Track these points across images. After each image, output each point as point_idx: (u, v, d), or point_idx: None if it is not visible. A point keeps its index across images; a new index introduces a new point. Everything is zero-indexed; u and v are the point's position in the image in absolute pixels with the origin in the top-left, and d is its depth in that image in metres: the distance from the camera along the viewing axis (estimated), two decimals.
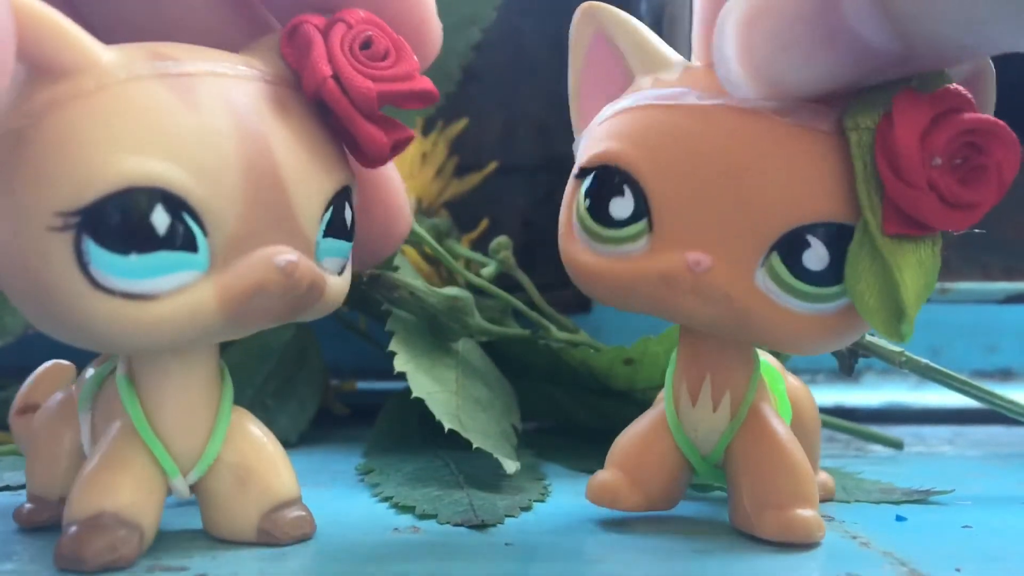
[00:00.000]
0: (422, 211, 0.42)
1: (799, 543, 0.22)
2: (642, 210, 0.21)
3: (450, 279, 0.41)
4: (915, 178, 0.19)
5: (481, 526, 0.24)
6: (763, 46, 0.19)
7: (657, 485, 0.24)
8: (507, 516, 0.25)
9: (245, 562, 0.21)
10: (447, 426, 0.29)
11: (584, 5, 0.23)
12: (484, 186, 0.46)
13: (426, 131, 0.44)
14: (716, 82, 0.21)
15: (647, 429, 0.24)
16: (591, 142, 0.22)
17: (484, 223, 0.44)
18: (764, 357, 0.26)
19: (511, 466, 0.28)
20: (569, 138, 0.25)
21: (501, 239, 0.38)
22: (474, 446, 0.28)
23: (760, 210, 0.20)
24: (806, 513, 0.22)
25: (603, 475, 0.24)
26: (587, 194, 0.22)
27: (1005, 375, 0.53)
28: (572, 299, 0.47)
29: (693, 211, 0.21)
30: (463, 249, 0.40)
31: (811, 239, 0.20)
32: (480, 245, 0.43)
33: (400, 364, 0.31)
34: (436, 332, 0.33)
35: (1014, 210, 0.47)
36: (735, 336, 0.22)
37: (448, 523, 0.24)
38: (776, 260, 0.20)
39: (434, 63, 0.44)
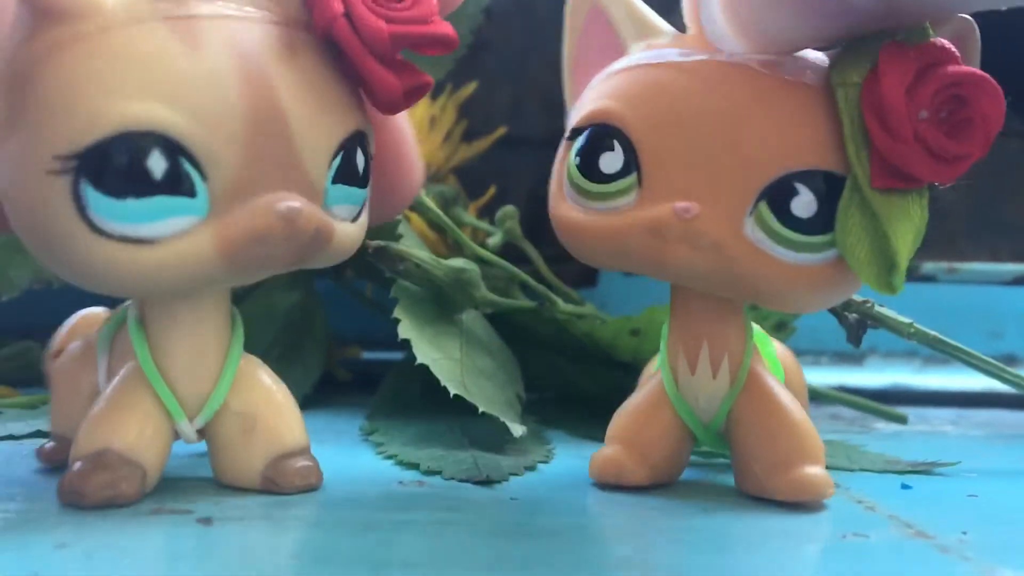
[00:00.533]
0: (429, 177, 0.41)
1: (810, 502, 0.22)
2: (632, 164, 0.21)
3: (456, 247, 0.41)
4: (902, 131, 0.19)
5: (486, 482, 0.24)
6: (748, 2, 0.19)
7: (661, 457, 0.24)
8: (512, 474, 0.25)
9: (250, 508, 0.21)
10: (452, 391, 0.28)
11: None
12: (491, 158, 0.46)
13: (435, 95, 0.43)
14: (703, 43, 0.21)
15: (646, 402, 0.24)
16: (582, 105, 0.23)
17: (491, 190, 0.43)
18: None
19: (518, 430, 0.28)
20: None
21: (507, 208, 0.38)
22: (480, 410, 0.28)
23: (748, 158, 0.20)
24: (816, 471, 0.22)
25: (605, 451, 0.24)
26: (578, 152, 0.22)
27: (1009, 361, 0.53)
28: (578, 272, 0.47)
29: (681, 162, 0.21)
30: (469, 217, 0.40)
31: (799, 186, 0.20)
32: (487, 213, 0.42)
33: (404, 331, 0.31)
34: (442, 304, 0.33)
35: None
36: (726, 291, 0.22)
37: (453, 479, 0.24)
38: (764, 208, 0.20)
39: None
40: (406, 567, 0.17)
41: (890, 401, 0.45)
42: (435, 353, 0.31)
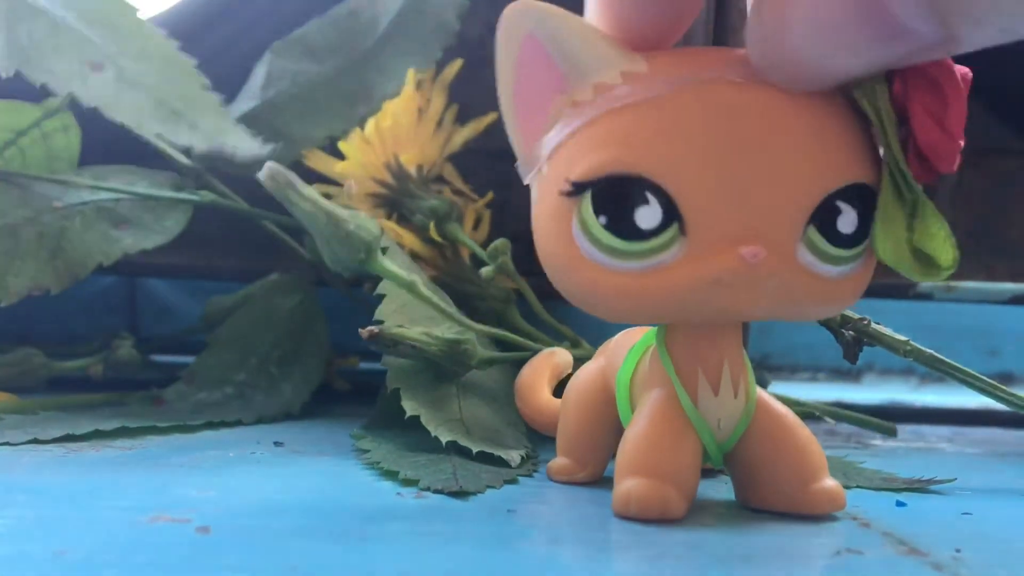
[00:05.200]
0: (422, 178, 0.40)
1: (813, 516, 0.23)
2: (672, 214, 0.20)
3: (454, 262, 0.40)
4: (958, 129, 0.19)
5: (460, 493, 0.24)
6: (799, 25, 0.18)
7: (693, 485, 0.23)
8: (489, 487, 0.25)
9: (249, 517, 0.21)
10: (444, 440, 0.28)
11: (512, 6, 0.21)
12: (494, 170, 0.46)
13: (418, 84, 0.41)
14: (685, 63, 0.20)
15: (666, 429, 0.22)
16: (574, 156, 0.20)
17: (490, 195, 0.42)
18: None
19: (515, 458, 0.28)
20: None
21: (499, 243, 0.36)
22: (474, 451, 0.28)
23: (791, 186, 0.20)
24: (835, 482, 0.23)
25: (638, 487, 0.22)
26: (600, 211, 0.20)
27: (1005, 379, 0.53)
28: None
29: (725, 203, 0.20)
30: (464, 236, 0.39)
31: (841, 204, 0.20)
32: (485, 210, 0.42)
33: (393, 380, 0.31)
34: (439, 374, 0.32)
35: (1021, 212, 0.47)
36: (769, 317, 0.21)
37: (428, 489, 0.24)
38: (813, 232, 0.20)
39: (430, 17, 0.42)
40: None
41: (886, 418, 0.45)
42: (427, 396, 0.31)
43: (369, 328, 0.29)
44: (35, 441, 0.29)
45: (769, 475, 0.23)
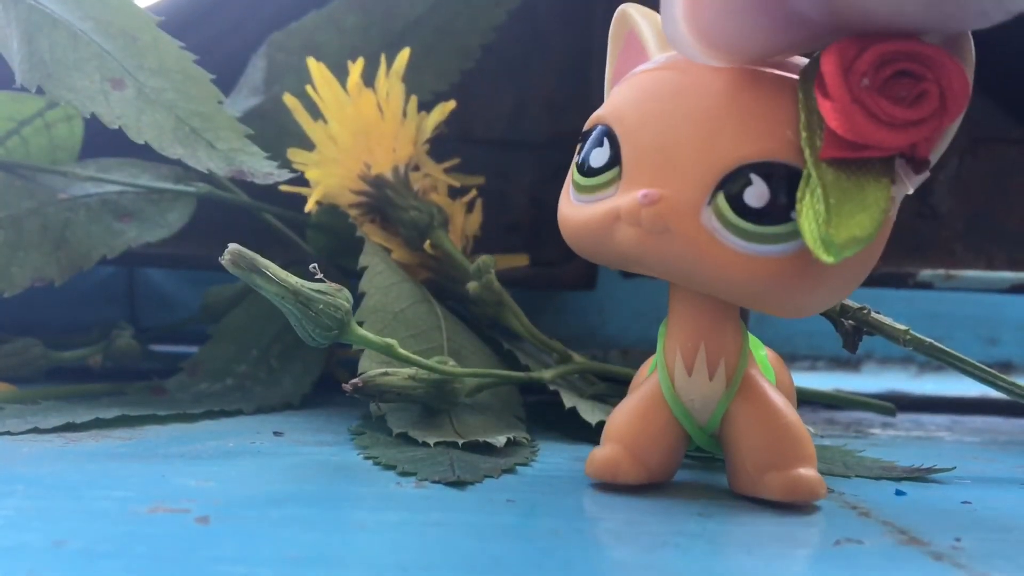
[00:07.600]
0: (400, 179, 0.38)
1: (802, 503, 0.23)
2: (616, 158, 0.23)
3: (447, 263, 0.39)
4: (839, 93, 0.19)
5: (458, 483, 0.24)
6: (707, 8, 0.20)
7: (656, 457, 0.24)
8: (487, 477, 0.25)
9: (247, 507, 0.21)
10: (433, 442, 0.28)
11: (622, 7, 0.25)
12: (492, 162, 0.46)
13: (368, 81, 0.37)
14: None
15: (642, 403, 0.24)
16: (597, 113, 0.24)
17: (474, 190, 0.40)
18: None
19: (501, 440, 0.28)
20: (578, 116, 0.26)
21: (484, 260, 0.35)
22: (460, 442, 0.28)
23: (708, 149, 0.21)
24: (808, 472, 0.23)
25: (602, 450, 0.24)
26: (579, 151, 0.24)
27: (1004, 368, 0.53)
28: (577, 275, 0.47)
29: (652, 154, 0.22)
30: (449, 244, 0.37)
31: (753, 177, 0.21)
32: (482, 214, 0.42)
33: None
34: (428, 410, 0.32)
35: (1021, 201, 0.47)
36: (692, 283, 0.22)
37: (426, 480, 0.24)
38: (720, 198, 0.21)
39: (453, 40, 0.43)
40: (400, 569, 0.17)
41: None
42: (417, 417, 0.31)
43: (352, 381, 0.29)
44: (35, 430, 0.29)
45: (737, 458, 0.24)
